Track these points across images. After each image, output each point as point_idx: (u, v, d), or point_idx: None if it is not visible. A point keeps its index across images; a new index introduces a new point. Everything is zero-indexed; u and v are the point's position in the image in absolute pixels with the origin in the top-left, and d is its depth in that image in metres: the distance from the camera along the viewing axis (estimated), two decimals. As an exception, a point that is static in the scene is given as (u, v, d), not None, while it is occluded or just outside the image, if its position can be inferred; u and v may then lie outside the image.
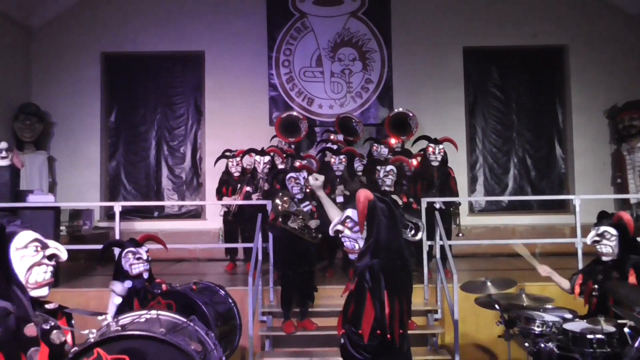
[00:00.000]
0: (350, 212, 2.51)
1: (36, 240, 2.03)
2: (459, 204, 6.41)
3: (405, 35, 9.41)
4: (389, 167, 5.61)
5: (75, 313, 2.17)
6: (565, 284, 3.93)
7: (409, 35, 9.42)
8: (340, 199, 6.01)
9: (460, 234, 6.27)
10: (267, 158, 6.64)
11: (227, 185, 6.89)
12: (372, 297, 2.27)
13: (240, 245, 6.96)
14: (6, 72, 8.83)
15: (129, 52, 9.52)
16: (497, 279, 4.09)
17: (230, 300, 3.88)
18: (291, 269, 5.15)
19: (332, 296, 5.53)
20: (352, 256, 2.53)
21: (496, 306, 3.89)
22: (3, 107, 8.73)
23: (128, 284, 3.48)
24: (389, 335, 2.28)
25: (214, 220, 7.98)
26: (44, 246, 2.05)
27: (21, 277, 1.98)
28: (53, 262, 2.07)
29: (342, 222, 2.52)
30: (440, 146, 6.27)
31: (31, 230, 2.07)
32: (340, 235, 2.54)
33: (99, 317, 2.24)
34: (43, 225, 5.66)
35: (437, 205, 5.97)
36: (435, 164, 6.22)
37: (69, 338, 2.05)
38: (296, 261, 5.12)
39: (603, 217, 3.76)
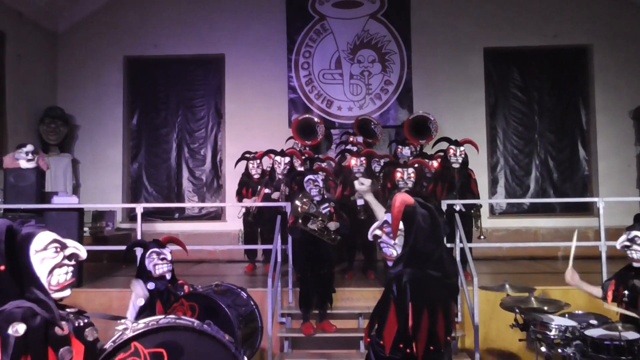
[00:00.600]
0: (389, 216, 2.37)
1: (55, 240, 1.99)
2: (480, 206, 6.34)
3: (425, 36, 9.36)
4: (410, 170, 5.59)
5: (94, 318, 2.16)
6: (597, 291, 3.74)
7: (429, 36, 9.37)
8: (360, 202, 6.00)
9: (482, 237, 6.20)
10: (287, 159, 6.66)
11: (246, 186, 6.94)
12: (397, 308, 2.18)
13: (259, 247, 7.00)
14: (33, 77, 9.03)
15: (150, 55, 9.65)
16: (517, 282, 4.04)
17: (252, 303, 3.90)
18: (310, 270, 5.16)
19: (351, 298, 5.52)
20: (389, 262, 2.41)
21: (516, 309, 3.84)
22: (30, 111, 8.93)
23: (151, 285, 3.50)
24: (408, 350, 2.18)
25: (233, 222, 8.04)
26: (63, 246, 2.02)
27: (43, 279, 1.94)
28: (73, 262, 2.03)
29: (381, 227, 2.41)
30: (461, 148, 6.23)
31: (48, 230, 2.03)
32: (378, 241, 2.43)
33: (120, 322, 2.23)
34: (67, 227, 5.77)
35: (458, 208, 5.92)
36: (456, 166, 6.17)
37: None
38: (315, 263, 5.13)
39: (637, 221, 3.65)
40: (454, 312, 2.27)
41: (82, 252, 2.06)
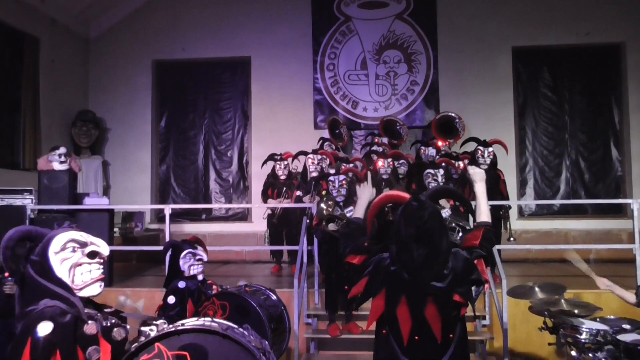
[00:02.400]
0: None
1: (72, 240, 2.01)
2: (509, 207, 6.23)
3: (451, 36, 9.27)
4: (442, 171, 5.52)
5: (130, 317, 2.19)
6: (630, 297, 3.62)
7: (456, 36, 9.27)
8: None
9: (512, 239, 6.09)
10: (318, 157, 6.69)
11: (272, 187, 6.98)
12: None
13: (285, 248, 7.03)
14: (66, 81, 9.28)
15: (178, 59, 9.81)
16: (546, 284, 3.96)
17: (281, 304, 3.92)
18: (336, 271, 5.15)
19: (377, 300, 5.48)
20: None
21: (545, 312, 3.76)
22: (62, 114, 9.18)
23: (182, 284, 3.54)
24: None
25: (260, 223, 8.09)
26: (82, 245, 2.03)
27: (65, 279, 1.97)
28: (96, 260, 2.04)
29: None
30: (490, 149, 6.14)
31: (77, 230, 2.06)
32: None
33: (155, 322, 2.24)
34: (98, 227, 5.91)
35: (486, 209, 5.82)
36: (484, 167, 6.07)
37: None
38: (340, 264, 5.11)
39: None
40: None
41: (103, 248, 2.06)
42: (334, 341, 5.26)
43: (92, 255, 2.03)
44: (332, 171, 6.63)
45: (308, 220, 5.67)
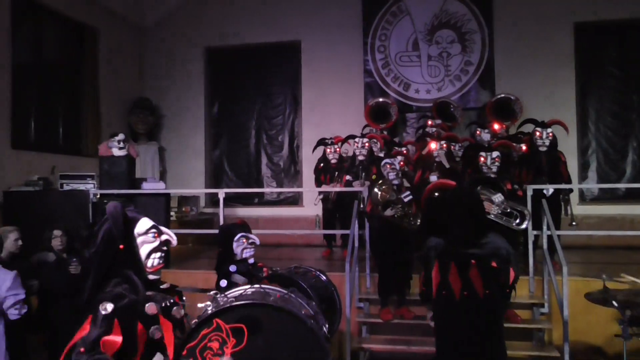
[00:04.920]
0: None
1: (154, 226, 2.16)
2: (570, 190, 5.96)
3: (508, 12, 8.88)
4: (495, 154, 5.32)
5: (186, 291, 2.31)
6: None
7: (513, 12, 8.88)
8: (433, 178, 5.88)
9: (573, 223, 5.82)
10: (364, 140, 6.64)
11: (324, 172, 6.97)
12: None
13: (337, 232, 7.03)
14: (123, 70, 9.59)
15: (229, 45, 9.92)
16: (612, 273, 3.75)
17: (331, 286, 3.93)
18: (388, 256, 5.11)
19: (430, 285, 5.39)
20: None
21: (614, 303, 3.57)
22: (120, 102, 9.50)
23: (233, 268, 3.60)
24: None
25: (310, 207, 8.14)
26: (160, 232, 2.17)
27: (143, 262, 2.12)
28: (165, 248, 2.19)
29: None
30: (549, 130, 5.86)
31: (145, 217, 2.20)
32: None
33: (210, 294, 2.36)
34: (155, 211, 6.11)
35: (546, 192, 5.59)
36: (543, 149, 5.83)
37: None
38: (393, 249, 5.07)
39: None
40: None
41: (174, 239, 2.20)
42: (386, 325, 5.24)
43: (164, 243, 2.17)
44: (381, 155, 6.58)
45: (362, 206, 5.64)
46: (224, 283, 3.46)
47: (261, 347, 2.13)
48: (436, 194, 3.23)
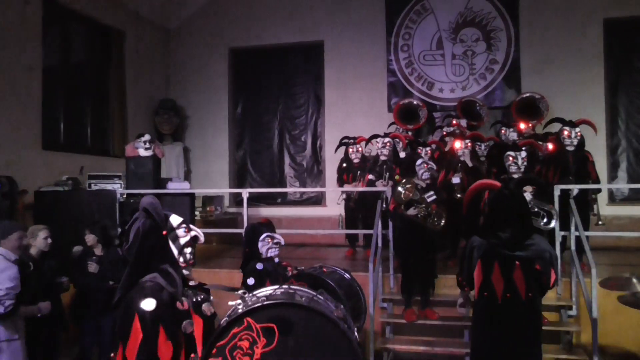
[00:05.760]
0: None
1: (184, 222, 2.23)
2: (599, 190, 5.83)
3: (534, 9, 8.73)
4: (523, 153, 5.24)
5: (213, 289, 2.33)
6: None
7: (539, 9, 8.72)
8: (456, 180, 5.81)
9: (600, 222, 5.70)
10: (386, 139, 6.61)
11: (347, 172, 6.96)
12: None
13: (360, 232, 7.01)
14: (148, 71, 9.74)
15: (253, 45, 9.98)
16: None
17: (356, 285, 3.93)
18: (412, 256, 5.07)
19: (454, 285, 5.33)
20: None
21: (645, 305, 3.47)
22: (146, 103, 9.65)
23: (259, 266, 3.63)
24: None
25: (333, 207, 8.13)
26: (189, 228, 2.23)
27: (176, 256, 2.17)
28: (194, 245, 2.24)
29: None
30: (577, 129, 5.75)
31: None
32: None
33: (236, 293, 2.37)
34: (181, 210, 6.15)
35: (574, 192, 5.47)
36: (570, 148, 5.72)
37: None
38: (417, 249, 5.03)
39: None
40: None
41: (202, 236, 2.27)
42: (410, 326, 5.20)
43: (193, 239, 2.23)
44: (402, 155, 6.53)
45: (384, 205, 5.61)
46: (251, 281, 3.49)
47: (291, 348, 2.10)
48: (480, 194, 3.27)
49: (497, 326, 2.87)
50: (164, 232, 2.10)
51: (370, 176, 6.56)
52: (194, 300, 2.10)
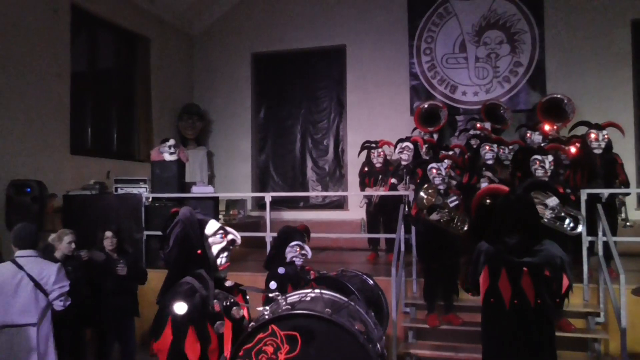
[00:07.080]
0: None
1: (221, 227, 2.32)
2: (628, 193, 5.70)
3: (560, 10, 8.61)
4: (550, 157, 5.16)
5: (249, 290, 2.45)
6: None
7: (565, 10, 8.59)
8: (484, 184, 5.75)
9: (628, 224, 5.56)
10: (404, 144, 6.58)
11: (369, 176, 6.95)
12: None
13: (382, 236, 6.99)
14: (172, 76, 9.89)
15: (275, 50, 10.06)
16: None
17: (378, 289, 3.92)
18: (435, 261, 5.04)
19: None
20: None
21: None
22: (170, 108, 9.80)
23: (281, 270, 3.66)
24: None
25: (356, 211, 8.12)
26: (226, 233, 2.32)
27: (213, 261, 2.26)
28: (231, 247, 2.34)
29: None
30: (604, 132, 5.63)
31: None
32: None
33: (271, 295, 2.43)
34: (205, 214, 6.21)
35: (604, 197, 5.35)
36: (597, 151, 5.60)
37: (245, 313, 2.30)
38: (440, 253, 4.99)
39: None
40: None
41: (239, 238, 2.38)
42: (433, 331, 5.16)
43: (230, 243, 2.33)
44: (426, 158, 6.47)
45: (407, 209, 5.58)
46: (273, 285, 3.53)
47: (313, 357, 2.18)
48: (487, 200, 3.15)
49: (506, 333, 2.83)
50: (199, 252, 2.21)
51: (393, 180, 6.54)
52: (224, 304, 2.17)
